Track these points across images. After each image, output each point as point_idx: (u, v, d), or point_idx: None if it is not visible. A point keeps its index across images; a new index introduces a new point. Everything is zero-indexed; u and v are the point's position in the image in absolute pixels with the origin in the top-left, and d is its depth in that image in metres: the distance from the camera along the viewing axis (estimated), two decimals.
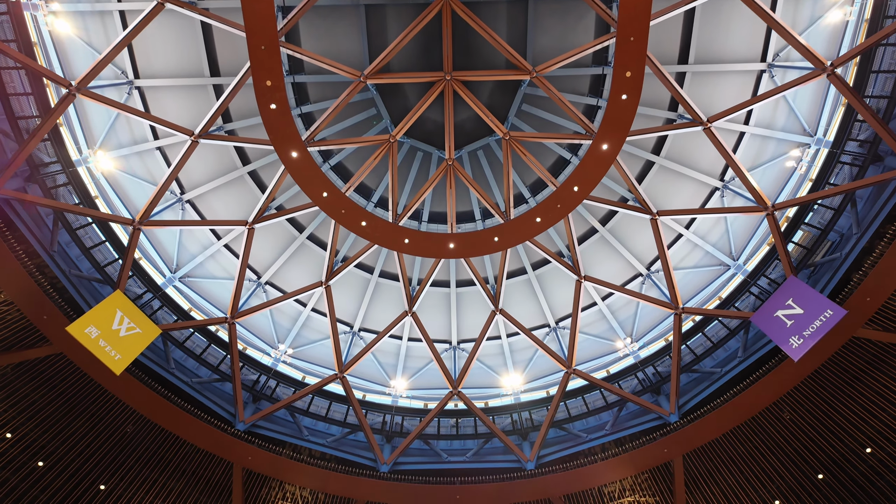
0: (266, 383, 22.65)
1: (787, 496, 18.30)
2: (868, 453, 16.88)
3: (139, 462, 18.71)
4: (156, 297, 20.97)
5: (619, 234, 23.44)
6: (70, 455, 17.67)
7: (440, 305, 25.52)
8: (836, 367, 16.53)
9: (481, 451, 22.61)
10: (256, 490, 19.92)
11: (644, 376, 22.15)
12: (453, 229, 20.14)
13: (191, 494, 19.41)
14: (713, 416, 17.80)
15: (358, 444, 22.22)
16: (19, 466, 17.05)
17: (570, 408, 23.06)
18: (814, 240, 18.59)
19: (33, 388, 16.80)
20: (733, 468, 18.62)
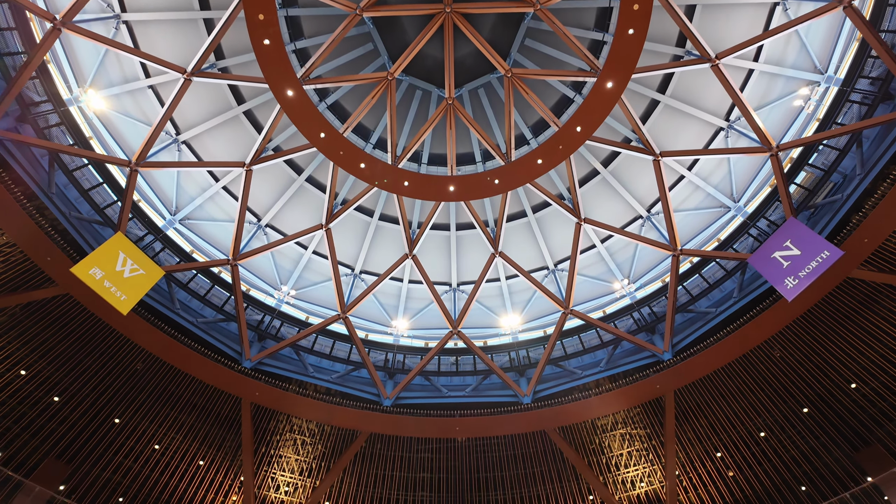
0: (270, 323, 23.18)
1: (772, 429, 19.14)
2: (853, 388, 17.51)
3: (151, 397, 19.45)
4: (157, 240, 21.07)
5: (620, 176, 23.24)
6: (84, 391, 18.35)
7: (440, 248, 25.68)
8: (829, 306, 16.86)
9: (480, 386, 23.47)
10: (265, 423, 20.84)
11: (640, 316, 22.64)
12: (453, 172, 19.96)
13: (202, 427, 20.32)
14: (705, 354, 18.33)
15: (361, 380, 23.03)
16: (36, 402, 17.76)
17: (567, 346, 23.72)
18: (816, 181, 18.47)
19: (43, 328, 17.21)
20: (722, 402, 19.38)
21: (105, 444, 19.09)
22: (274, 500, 21.42)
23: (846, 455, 18.10)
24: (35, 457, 17.87)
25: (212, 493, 20.68)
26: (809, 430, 18.59)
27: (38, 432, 17.90)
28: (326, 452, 21.58)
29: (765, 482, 19.35)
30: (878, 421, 17.36)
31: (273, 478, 21.39)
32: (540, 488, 21.69)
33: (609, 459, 21.14)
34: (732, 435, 19.53)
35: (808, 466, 18.73)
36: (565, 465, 21.42)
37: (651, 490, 20.83)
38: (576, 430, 21.07)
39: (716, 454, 19.88)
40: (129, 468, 19.47)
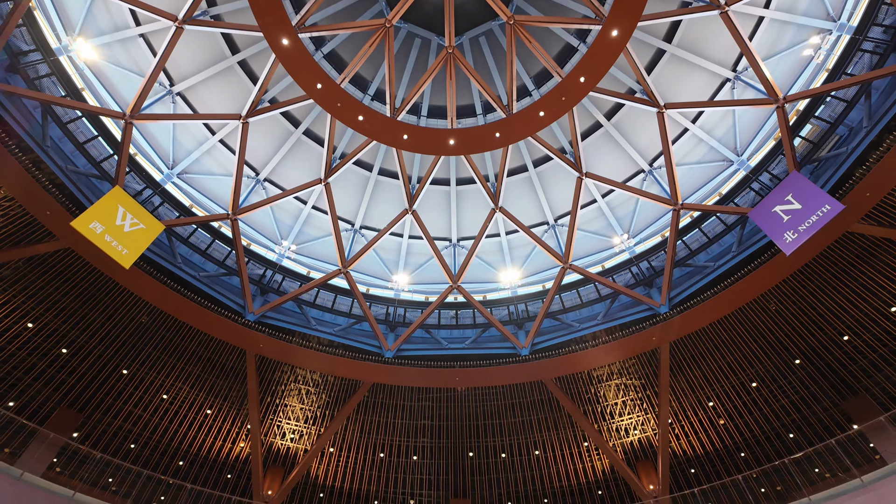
0: (272, 277, 23.38)
1: (764, 379, 19.67)
2: (845, 340, 17.87)
3: (157, 349, 19.88)
4: (156, 194, 20.97)
5: (623, 129, 22.86)
6: (91, 343, 18.74)
7: (440, 203, 25.58)
8: (826, 260, 16.97)
9: (479, 339, 23.91)
10: (269, 374, 21.38)
11: (638, 270, 22.81)
12: (453, 124, 19.63)
13: (208, 378, 20.86)
14: (701, 308, 18.57)
15: (363, 332, 23.45)
16: (45, 353, 18.16)
17: (565, 300, 24.02)
18: (822, 134, 18.20)
19: (47, 281, 17.39)
20: (716, 354, 19.82)
21: (115, 394, 19.67)
22: (280, 446, 22.25)
23: (834, 404, 18.69)
24: (47, 405, 18.45)
25: (220, 440, 21.47)
26: (800, 381, 19.10)
27: (49, 382, 18.40)
28: (330, 401, 22.25)
29: (754, 430, 20.06)
30: (866, 371, 17.81)
31: (279, 425, 22.14)
32: (536, 435, 22.50)
33: (604, 408, 21.82)
34: (725, 385, 20.08)
35: (796, 415, 19.36)
36: (561, 413, 22.12)
37: (644, 437, 21.61)
38: (572, 381, 21.63)
39: (708, 403, 20.51)
40: (139, 416, 20.13)
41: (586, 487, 22.25)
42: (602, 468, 22.26)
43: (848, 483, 13.44)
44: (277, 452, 22.20)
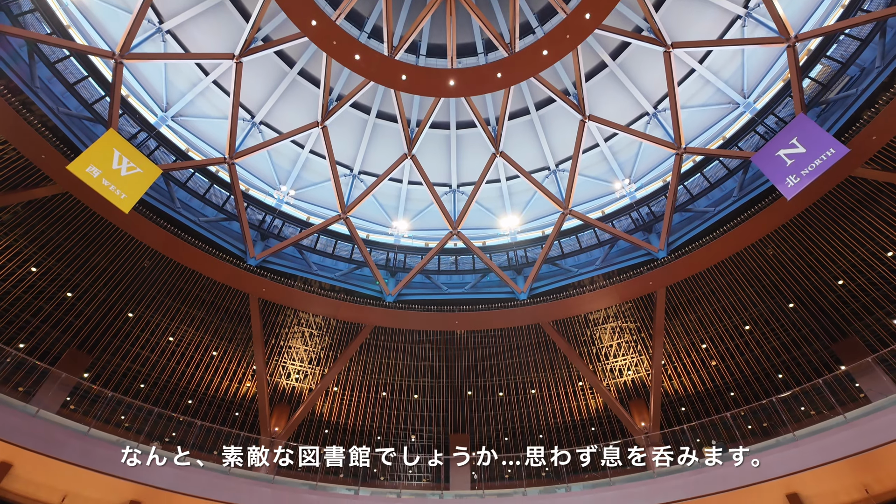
0: (272, 223, 23.39)
1: (757, 322, 20.09)
2: (839, 285, 18.13)
3: (161, 293, 20.17)
4: (151, 137, 20.62)
5: (628, 70, 22.20)
6: (95, 286, 18.99)
7: (440, 148, 25.21)
8: (827, 205, 16.95)
9: (478, 284, 24.22)
10: (273, 317, 21.80)
11: (638, 216, 22.81)
12: (453, 64, 19.05)
13: (212, 321, 21.28)
14: (699, 253, 18.69)
15: (364, 277, 23.72)
16: (50, 297, 18.44)
17: (564, 246, 24.15)
18: (832, 75, 17.70)
19: (48, 226, 17.41)
20: (711, 298, 20.15)
21: (122, 336, 20.13)
22: (286, 386, 23.00)
23: (824, 346, 19.18)
24: (57, 347, 18.93)
25: (227, 380, 22.17)
26: (792, 324, 19.51)
27: (57, 324, 18.79)
28: (333, 343, 22.81)
29: (745, 370, 20.68)
30: (858, 314, 18.18)
31: (284, 366, 22.80)
32: (533, 375, 23.23)
33: (599, 350, 22.40)
34: (719, 328, 20.53)
35: (786, 356, 19.91)
36: (557, 354, 22.74)
37: (637, 378, 22.32)
38: (569, 324, 22.10)
39: (701, 346, 21.04)
40: (147, 358, 20.69)
41: (580, 424, 23.20)
42: (595, 406, 23.12)
43: (832, 420, 13.96)
44: (283, 392, 22.97)
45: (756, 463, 13.58)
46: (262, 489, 14.95)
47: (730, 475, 13.86)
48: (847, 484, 13.38)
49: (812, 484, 13.36)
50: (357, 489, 16.75)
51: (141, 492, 13.81)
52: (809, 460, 12.90)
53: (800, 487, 13.56)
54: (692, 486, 14.24)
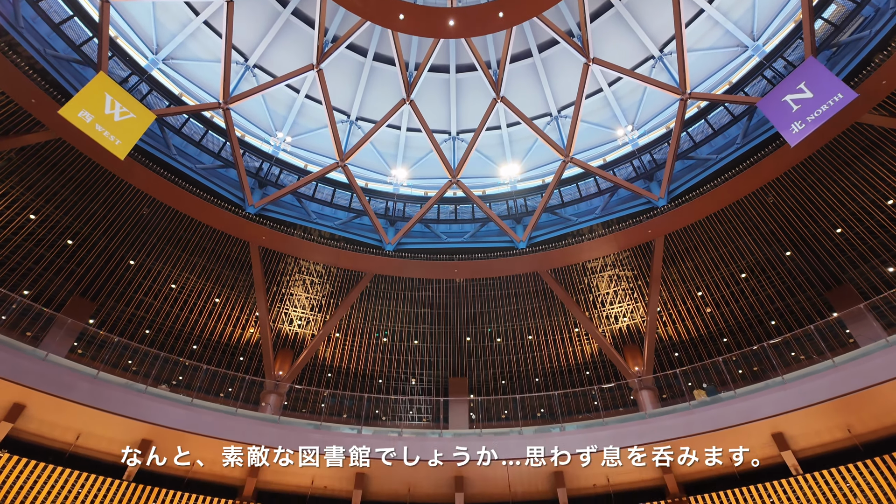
0: (269, 170, 23.15)
1: (753, 270, 20.28)
2: (837, 233, 18.18)
3: (161, 240, 20.22)
4: (143, 81, 20.07)
5: (635, 10, 21.32)
6: (95, 234, 19.01)
7: (439, 93, 24.59)
8: (830, 152, 16.76)
9: (478, 233, 24.27)
10: (274, 265, 21.96)
11: (640, 164, 22.56)
12: (453, 3, 18.26)
13: (214, 269, 21.45)
14: (699, 201, 18.63)
15: (363, 226, 23.72)
16: (51, 244, 18.49)
17: (564, 194, 24.03)
18: (846, 15, 17.04)
19: (43, 173, 17.24)
20: (709, 246, 20.25)
21: (124, 283, 20.34)
22: (288, 332, 23.46)
23: (818, 294, 19.46)
24: (61, 294, 19.15)
25: (230, 326, 22.58)
26: (788, 272, 19.71)
27: (60, 272, 18.93)
28: (334, 291, 23.10)
29: (738, 317, 21.06)
30: (854, 262, 18.33)
31: (286, 313, 23.17)
32: (530, 322, 23.67)
33: (596, 298, 22.73)
34: (715, 276, 20.75)
35: (780, 303, 20.23)
36: (555, 302, 23.09)
37: (633, 324, 22.75)
38: (566, 272, 22.31)
39: (696, 293, 21.33)
40: (151, 304, 20.99)
41: (575, 368, 23.86)
42: (591, 351, 23.70)
43: (820, 364, 14.35)
44: (286, 337, 23.46)
45: (744, 405, 14.08)
46: (268, 429, 15.52)
47: (718, 416, 14.38)
48: (831, 424, 13.90)
49: (797, 424, 13.88)
50: (360, 428, 17.41)
51: (152, 431, 14.34)
52: (796, 402, 13.34)
53: (785, 427, 14.10)
54: (682, 427, 14.78)
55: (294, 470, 16.10)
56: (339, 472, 16.07)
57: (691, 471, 15.77)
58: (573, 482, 16.37)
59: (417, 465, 15.69)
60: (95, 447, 14.66)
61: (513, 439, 16.16)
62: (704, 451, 15.01)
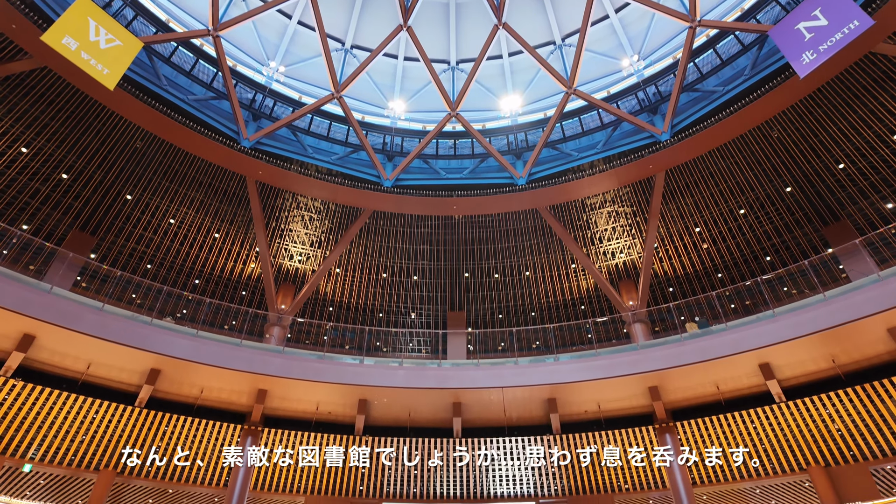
0: (263, 102, 22.53)
1: (753, 206, 20.26)
2: (840, 169, 18.02)
3: (157, 175, 20.03)
4: (126, 5, 19.09)
5: None
6: (90, 168, 18.79)
7: (438, 19, 23.49)
8: (840, 84, 16.31)
9: (477, 169, 23.99)
10: (272, 200, 21.87)
11: (644, 96, 21.95)
12: None
13: (212, 203, 21.37)
14: (703, 135, 18.31)
15: (361, 162, 23.41)
16: (46, 178, 18.30)
17: (566, 128, 23.54)
18: None
19: (31, 104, 16.80)
20: (710, 182, 20.12)
21: (123, 218, 20.33)
22: (289, 267, 23.73)
23: (815, 230, 19.55)
24: (60, 229, 19.18)
25: (231, 261, 22.80)
26: (787, 208, 19.70)
27: (57, 206, 18.87)
28: (333, 227, 23.15)
29: (734, 253, 21.27)
30: (853, 198, 18.30)
31: (286, 249, 23.34)
32: (528, 258, 23.91)
33: (594, 234, 22.83)
34: (714, 212, 20.75)
35: (777, 240, 20.37)
36: (552, 238, 23.21)
37: (629, 260, 23.00)
38: (565, 208, 22.28)
39: (695, 229, 21.42)
40: (151, 239, 21.08)
41: (570, 303, 24.36)
42: (587, 286, 24.11)
43: (811, 297, 14.67)
44: (287, 272, 23.75)
45: (734, 337, 14.51)
46: (273, 359, 16.04)
47: (708, 347, 14.84)
48: (816, 355, 14.38)
49: (784, 355, 14.35)
50: (362, 359, 18.02)
51: (159, 361, 14.82)
52: (784, 334, 13.71)
53: (772, 358, 14.59)
54: (672, 357, 15.28)
55: (299, 396, 16.84)
56: (342, 398, 16.81)
57: (679, 398, 16.51)
58: (565, 408, 17.16)
59: (417, 391, 16.41)
60: (107, 376, 15.22)
61: (508, 368, 16.76)
62: (693, 380, 15.70)
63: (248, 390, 16.51)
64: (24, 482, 16.73)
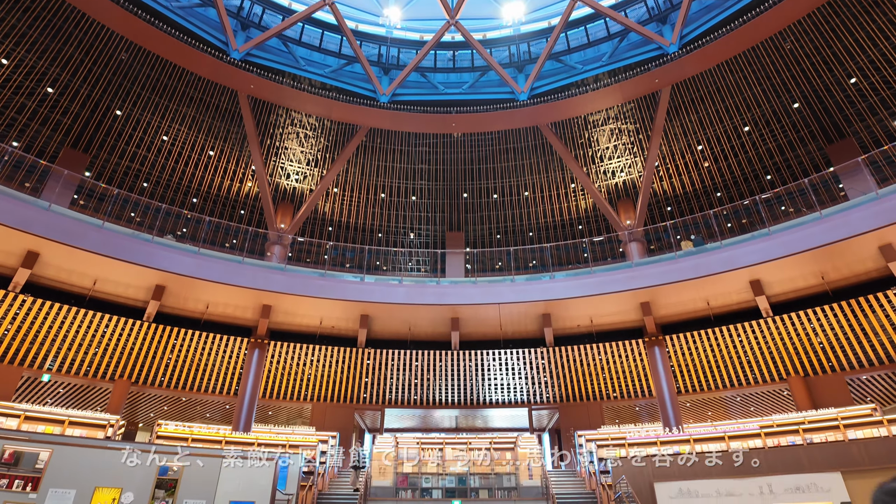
0: (251, 10, 21.28)
1: (758, 123, 19.79)
2: (851, 83, 17.42)
3: (146, 89, 19.33)
4: None
5: None
6: (75, 82, 18.10)
7: None
8: None
9: (477, 83, 23.17)
10: (265, 116, 21.28)
11: (654, 4, 20.72)
12: None
13: (204, 120, 20.81)
14: (713, 46, 17.54)
15: (356, 75, 22.54)
16: (31, 92, 17.67)
17: (570, 39, 22.48)
18: None
19: (6, 11, 15.86)
20: (716, 97, 19.52)
21: (114, 135, 19.88)
22: (286, 186, 23.55)
23: (819, 148, 19.25)
24: (51, 146, 18.81)
25: (227, 180, 22.58)
26: (793, 125, 19.28)
27: (46, 122, 18.38)
28: (329, 145, 22.71)
29: (735, 172, 21.08)
30: (861, 115, 17.87)
31: (282, 167, 23.04)
32: (527, 178, 23.70)
33: (595, 152, 22.48)
34: (718, 129, 20.31)
35: (779, 158, 20.11)
36: (553, 157, 22.88)
37: (629, 179, 22.83)
38: (567, 126, 21.77)
39: (697, 147, 21.07)
40: (145, 157, 20.74)
41: (568, 223, 24.47)
42: (585, 206, 24.10)
43: (807, 216, 14.76)
44: (284, 191, 23.60)
45: (727, 254, 14.76)
46: (275, 276, 16.38)
47: (702, 264, 15.13)
48: (806, 272, 14.72)
49: (775, 272, 14.68)
50: (363, 276, 18.41)
51: (164, 277, 15.13)
52: (777, 251, 13.94)
53: (763, 275, 14.94)
54: (665, 275, 15.63)
55: (303, 312, 17.40)
56: (345, 313, 17.36)
57: (669, 313, 17.10)
58: (559, 323, 17.80)
59: (417, 307, 16.94)
60: (113, 291, 15.61)
61: (505, 286, 17.20)
62: (684, 295, 16.16)
63: (253, 306, 17.01)
64: (45, 391, 17.69)
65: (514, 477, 12.37)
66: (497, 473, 12.46)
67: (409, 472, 12.50)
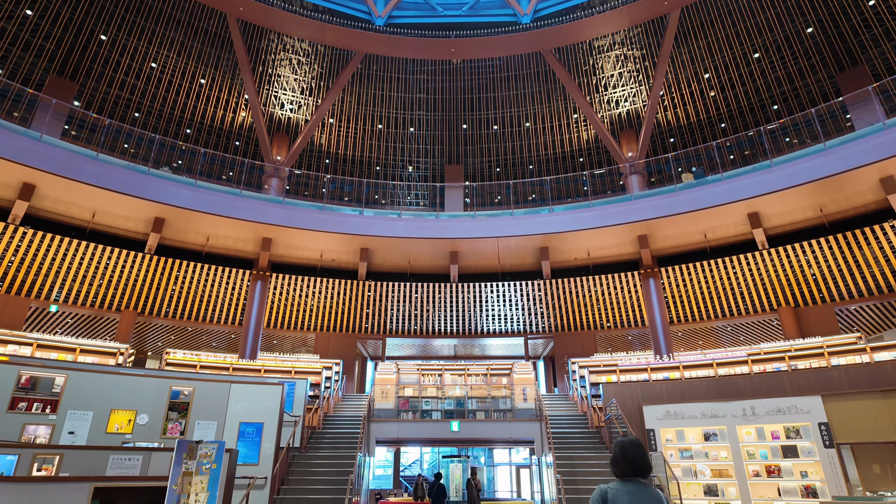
0: None
1: (769, 50, 19.04)
2: (869, 6, 16.60)
3: (130, 12, 18.44)
4: None
5: None
6: (55, 3, 17.18)
7: None
8: None
9: (478, 4, 22.03)
10: (256, 42, 20.41)
11: None
12: None
13: (193, 45, 19.96)
14: None
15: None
16: (9, 15, 16.83)
17: None
18: None
19: None
20: (727, 22, 18.67)
21: (101, 62, 19.16)
22: (281, 116, 22.98)
23: (829, 76, 18.65)
24: (36, 74, 18.18)
25: (220, 109, 22.00)
26: (804, 51, 18.57)
27: (28, 48, 17.66)
28: (324, 73, 21.93)
29: (742, 101, 20.54)
30: (876, 41, 17.20)
31: (276, 96, 22.37)
32: (529, 108, 23.10)
33: (599, 81, 21.77)
34: (726, 56, 19.59)
35: (788, 86, 19.54)
36: (555, 86, 22.19)
37: (632, 109, 22.26)
38: (571, 52, 20.95)
39: (704, 75, 20.41)
40: (134, 85, 20.09)
41: (569, 155, 24.12)
42: (587, 138, 23.67)
43: (810, 147, 14.52)
44: (279, 122, 23.06)
45: (727, 187, 14.68)
46: (274, 209, 16.36)
47: (701, 197, 15.09)
48: (804, 204, 14.72)
49: (774, 204, 14.68)
50: (362, 210, 18.39)
51: (162, 210, 15.10)
52: (778, 184, 13.87)
53: (762, 207, 14.94)
54: (664, 207, 15.62)
55: (304, 244, 17.53)
56: (345, 246, 17.51)
57: (666, 245, 17.26)
58: (556, 255, 18.00)
59: (416, 241, 17.06)
60: (113, 224, 15.64)
61: (504, 220, 17.23)
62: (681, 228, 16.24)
63: (253, 238, 17.11)
64: (54, 321, 18.15)
65: (510, 400, 13.00)
66: (493, 397, 13.08)
67: (409, 395, 13.13)
